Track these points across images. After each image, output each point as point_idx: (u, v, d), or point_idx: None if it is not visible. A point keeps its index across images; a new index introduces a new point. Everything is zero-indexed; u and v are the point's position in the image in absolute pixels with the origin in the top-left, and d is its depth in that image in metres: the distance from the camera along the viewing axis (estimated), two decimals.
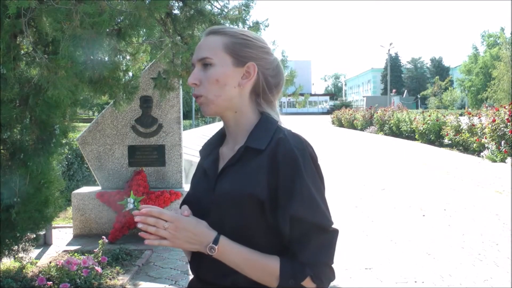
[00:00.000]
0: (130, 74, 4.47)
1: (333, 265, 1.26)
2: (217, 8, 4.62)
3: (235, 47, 1.31)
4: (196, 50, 1.35)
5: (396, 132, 23.44)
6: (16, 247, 4.04)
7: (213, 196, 1.29)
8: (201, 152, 1.46)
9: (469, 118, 15.73)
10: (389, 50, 61.25)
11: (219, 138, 1.44)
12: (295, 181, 1.21)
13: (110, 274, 4.35)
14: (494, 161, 12.78)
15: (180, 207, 1.38)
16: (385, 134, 25.10)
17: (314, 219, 1.21)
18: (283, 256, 1.22)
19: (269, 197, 1.22)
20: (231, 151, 1.33)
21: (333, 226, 1.25)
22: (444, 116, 18.51)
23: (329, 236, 1.24)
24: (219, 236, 1.22)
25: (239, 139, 1.34)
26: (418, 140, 20.08)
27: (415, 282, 4.44)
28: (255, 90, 1.34)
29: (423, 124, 19.20)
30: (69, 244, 5.65)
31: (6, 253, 4.01)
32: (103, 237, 4.85)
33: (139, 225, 1.23)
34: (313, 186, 1.22)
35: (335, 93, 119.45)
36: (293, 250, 1.22)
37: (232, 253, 1.22)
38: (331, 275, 1.24)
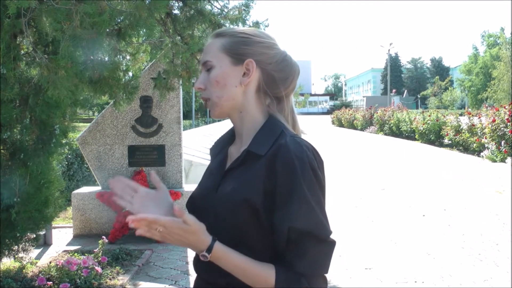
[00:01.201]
0: (130, 74, 4.46)
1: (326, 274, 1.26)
2: (217, 8, 4.62)
3: (232, 46, 1.31)
4: (202, 55, 1.37)
5: (396, 132, 23.43)
6: (16, 247, 4.04)
7: (214, 196, 1.29)
8: (211, 150, 1.47)
9: (469, 118, 15.72)
10: (389, 50, 61.25)
11: (230, 136, 1.44)
12: (293, 191, 1.19)
13: (110, 274, 4.35)
14: (494, 161, 12.78)
15: (187, 204, 1.39)
16: (385, 134, 25.08)
17: (312, 230, 1.19)
18: (279, 264, 1.21)
19: (265, 204, 1.21)
20: (238, 152, 1.33)
21: (331, 236, 1.24)
22: (444, 116, 18.50)
23: (326, 247, 1.22)
24: (213, 243, 1.20)
25: (245, 140, 1.33)
26: (418, 140, 20.07)
27: (415, 282, 4.44)
28: (260, 88, 1.33)
29: (423, 124, 19.19)
30: (69, 244, 5.65)
31: (6, 253, 4.01)
32: (103, 237, 4.85)
33: (131, 225, 1.23)
34: (311, 196, 1.20)
35: (335, 93, 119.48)
36: (290, 259, 1.20)
37: (226, 261, 1.21)
38: (323, 285, 1.24)
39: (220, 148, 1.44)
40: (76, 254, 4.62)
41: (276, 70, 1.33)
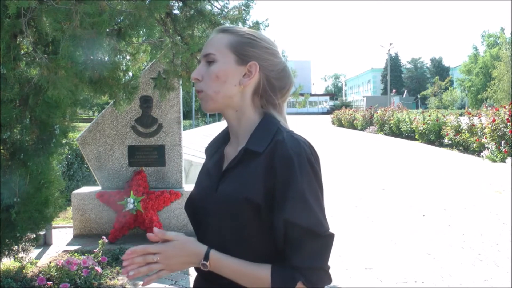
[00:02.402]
0: (130, 74, 4.46)
1: (329, 269, 1.25)
2: (217, 8, 4.62)
3: (239, 45, 1.31)
4: (204, 47, 1.36)
5: (396, 132, 23.43)
6: (16, 247, 4.04)
7: (214, 197, 1.30)
8: (206, 150, 1.47)
9: (469, 118, 15.71)
10: (389, 50, 61.24)
11: (225, 137, 1.44)
12: (290, 186, 1.20)
13: (110, 274, 4.35)
14: (494, 161, 12.78)
15: (185, 205, 1.40)
16: (385, 134, 25.08)
17: (307, 224, 1.19)
18: (275, 263, 1.22)
19: (266, 200, 1.22)
20: (234, 152, 1.33)
21: (329, 230, 1.24)
22: (444, 116, 18.49)
23: (322, 241, 1.22)
24: (209, 251, 1.23)
25: (241, 139, 1.34)
26: (418, 140, 20.07)
27: (415, 282, 4.44)
28: (257, 91, 1.34)
29: (423, 124, 19.19)
30: (69, 244, 5.65)
31: (6, 253, 4.01)
32: (103, 237, 4.85)
33: (131, 273, 1.23)
34: (308, 191, 1.21)
35: (335, 93, 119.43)
36: (286, 254, 1.21)
37: (224, 267, 1.23)
38: (325, 279, 1.23)
39: (215, 148, 1.44)
40: (76, 254, 4.62)
41: (276, 78, 1.35)
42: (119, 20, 3.59)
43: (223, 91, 1.31)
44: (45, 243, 5.62)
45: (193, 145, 11.25)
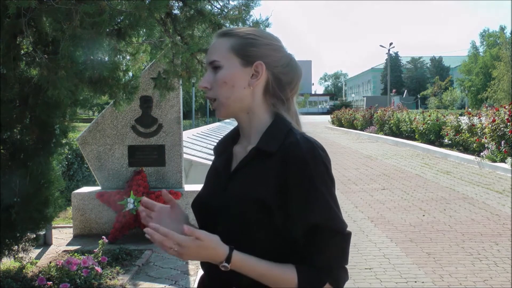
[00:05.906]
0: (130, 74, 4.47)
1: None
2: (217, 8, 4.62)
3: (241, 47, 1.31)
4: (207, 54, 1.37)
5: (396, 132, 23.40)
6: (16, 247, 4.05)
7: (223, 197, 1.29)
8: (215, 149, 1.47)
9: (469, 118, 15.69)
10: (389, 50, 61.12)
11: (234, 136, 1.44)
12: (307, 187, 1.21)
13: (110, 274, 4.35)
14: (494, 161, 12.77)
15: (193, 203, 1.39)
16: (385, 134, 25.06)
17: (328, 223, 1.21)
18: (298, 264, 1.23)
19: (277, 201, 1.22)
20: (244, 152, 1.33)
21: (347, 228, 1.27)
22: (444, 116, 18.45)
23: (343, 239, 1.25)
24: (231, 253, 1.20)
25: (251, 139, 1.34)
26: (418, 140, 20.06)
27: (415, 282, 4.44)
28: (267, 90, 1.34)
29: (423, 124, 19.16)
30: (69, 244, 5.65)
31: (6, 253, 4.02)
32: (103, 237, 4.85)
33: (147, 236, 1.21)
34: (325, 191, 1.23)
35: (335, 93, 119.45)
36: (308, 254, 1.22)
37: (246, 268, 1.22)
38: (345, 276, 1.26)
39: (224, 147, 1.43)
40: (76, 254, 4.62)
41: (283, 73, 1.34)
42: (119, 20, 3.59)
43: (233, 96, 1.31)
44: (45, 243, 5.61)
45: (193, 145, 11.25)
